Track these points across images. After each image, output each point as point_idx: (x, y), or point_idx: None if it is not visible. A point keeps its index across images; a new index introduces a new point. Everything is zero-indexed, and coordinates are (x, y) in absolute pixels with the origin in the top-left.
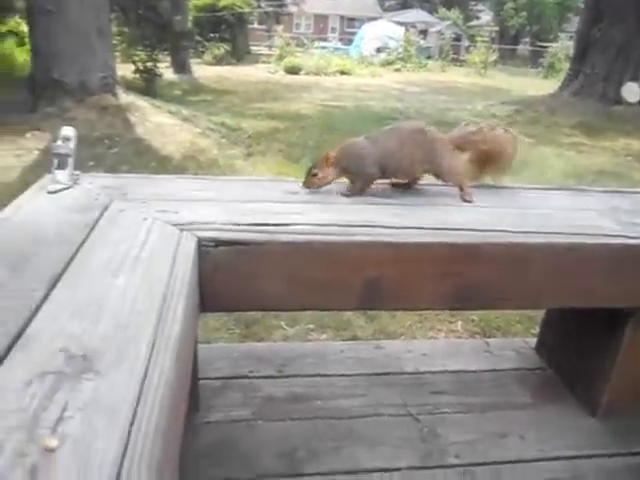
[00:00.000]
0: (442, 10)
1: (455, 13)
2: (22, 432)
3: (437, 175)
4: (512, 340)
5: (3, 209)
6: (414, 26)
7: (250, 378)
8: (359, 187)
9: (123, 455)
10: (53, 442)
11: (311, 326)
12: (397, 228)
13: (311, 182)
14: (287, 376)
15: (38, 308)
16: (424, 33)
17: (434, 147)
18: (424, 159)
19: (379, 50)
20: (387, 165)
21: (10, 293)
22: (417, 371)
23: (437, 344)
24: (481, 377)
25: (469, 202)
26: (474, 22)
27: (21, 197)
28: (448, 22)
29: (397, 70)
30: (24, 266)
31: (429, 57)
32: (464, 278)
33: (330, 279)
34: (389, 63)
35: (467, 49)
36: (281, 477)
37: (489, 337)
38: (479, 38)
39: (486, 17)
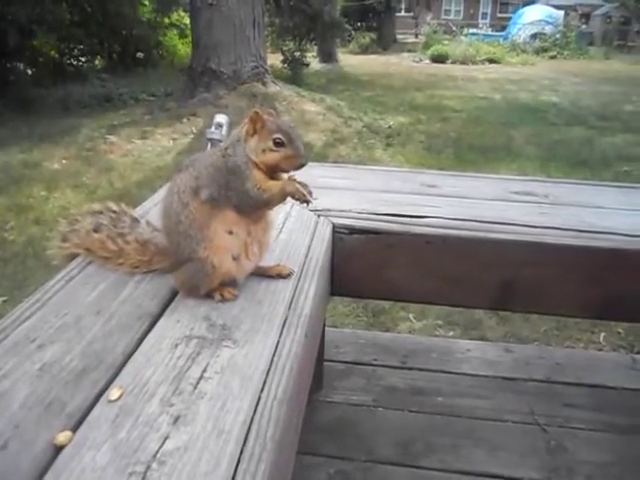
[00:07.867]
0: None
1: None
2: (169, 385)
3: None
4: None
5: (160, 189)
6: (575, 9)
7: (374, 366)
8: None
9: (252, 416)
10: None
11: (439, 322)
12: (538, 227)
13: None
14: (410, 368)
15: None
16: (586, 17)
17: None
18: None
19: (534, 36)
20: None
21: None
22: (548, 380)
23: (574, 354)
24: (623, 395)
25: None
26: None
27: None
28: (616, 4)
29: (552, 57)
30: None
31: (590, 44)
32: (610, 286)
33: (462, 275)
34: (544, 50)
35: (638, 34)
36: (396, 465)
37: (638, 353)
38: None
39: None
